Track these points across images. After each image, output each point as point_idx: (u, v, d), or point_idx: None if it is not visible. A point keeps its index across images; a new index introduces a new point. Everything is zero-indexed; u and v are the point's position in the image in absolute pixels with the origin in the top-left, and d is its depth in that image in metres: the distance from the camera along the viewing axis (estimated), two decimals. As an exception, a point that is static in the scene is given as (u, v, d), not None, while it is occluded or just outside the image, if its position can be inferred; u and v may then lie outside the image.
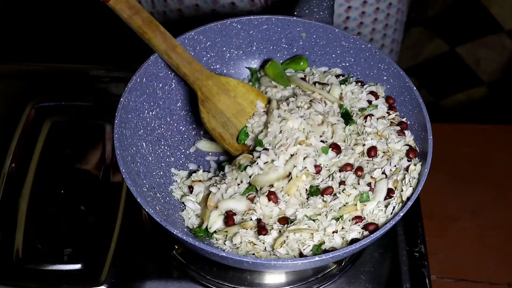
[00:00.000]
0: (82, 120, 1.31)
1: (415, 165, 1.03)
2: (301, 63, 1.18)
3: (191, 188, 1.09)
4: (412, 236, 1.19)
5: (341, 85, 1.15)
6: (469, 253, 1.63)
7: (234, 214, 1.02)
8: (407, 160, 1.05)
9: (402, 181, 1.02)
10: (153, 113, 1.12)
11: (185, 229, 1.03)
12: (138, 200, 0.93)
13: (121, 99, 1.02)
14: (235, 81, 1.10)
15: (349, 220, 1.00)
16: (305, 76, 1.18)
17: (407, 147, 1.06)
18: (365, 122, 1.09)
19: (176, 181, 1.12)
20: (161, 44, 1.05)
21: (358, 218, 1.00)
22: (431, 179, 0.97)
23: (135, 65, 1.07)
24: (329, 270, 1.13)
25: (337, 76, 1.17)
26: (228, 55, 1.19)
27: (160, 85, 1.12)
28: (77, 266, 1.10)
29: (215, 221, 1.02)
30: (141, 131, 1.08)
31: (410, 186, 1.00)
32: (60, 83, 1.39)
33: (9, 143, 1.24)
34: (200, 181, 1.09)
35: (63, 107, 1.32)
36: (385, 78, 1.14)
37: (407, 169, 1.04)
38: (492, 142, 1.79)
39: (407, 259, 1.16)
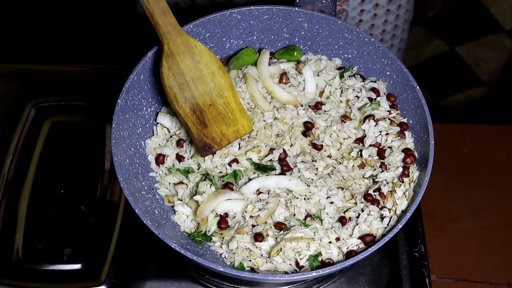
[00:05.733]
0: (82, 120, 1.31)
1: (412, 173, 1.01)
2: (295, 53, 1.16)
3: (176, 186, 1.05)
4: (412, 236, 1.19)
5: (341, 78, 1.13)
6: (469, 253, 1.63)
7: (227, 216, 1.01)
8: (405, 165, 1.02)
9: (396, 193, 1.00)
10: (151, 109, 1.11)
11: (184, 234, 1.02)
12: (136, 211, 0.92)
13: (118, 101, 1.01)
14: (203, 46, 1.07)
15: (336, 222, 0.99)
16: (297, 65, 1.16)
17: (404, 154, 1.03)
18: (363, 124, 1.07)
19: (156, 178, 1.08)
20: None
21: (342, 219, 0.99)
22: (431, 179, 0.95)
23: (134, 65, 1.06)
24: (329, 270, 1.13)
25: (339, 68, 1.15)
26: (228, 45, 1.17)
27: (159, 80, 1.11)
28: (77, 266, 1.10)
29: (213, 224, 1.01)
30: (140, 129, 1.08)
31: (406, 199, 0.99)
32: (60, 83, 1.39)
33: (9, 143, 1.24)
34: (181, 182, 1.05)
35: (63, 107, 1.32)
36: (388, 73, 1.12)
37: (403, 177, 1.01)
38: (492, 142, 1.79)
39: (407, 260, 1.16)
